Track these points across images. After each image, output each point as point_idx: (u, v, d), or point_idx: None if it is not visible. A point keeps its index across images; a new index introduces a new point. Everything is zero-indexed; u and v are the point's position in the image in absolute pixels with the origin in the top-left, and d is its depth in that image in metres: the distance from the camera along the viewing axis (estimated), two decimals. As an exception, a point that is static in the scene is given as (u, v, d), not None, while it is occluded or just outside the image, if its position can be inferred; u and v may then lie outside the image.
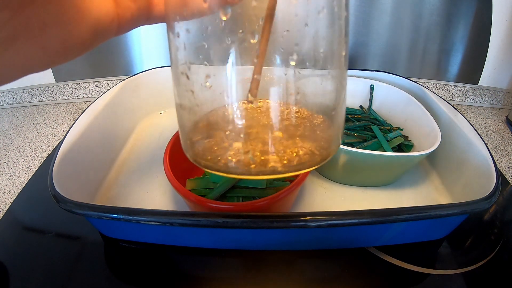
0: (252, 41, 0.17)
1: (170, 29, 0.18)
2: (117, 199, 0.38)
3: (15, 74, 0.15)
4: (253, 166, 0.17)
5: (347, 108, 0.48)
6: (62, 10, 0.15)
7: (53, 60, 0.16)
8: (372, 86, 0.48)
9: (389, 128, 0.44)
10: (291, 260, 0.32)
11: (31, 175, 0.44)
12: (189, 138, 0.19)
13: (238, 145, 0.17)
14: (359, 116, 0.46)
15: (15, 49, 0.14)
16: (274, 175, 0.17)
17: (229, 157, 0.17)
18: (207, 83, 0.18)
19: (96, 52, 0.60)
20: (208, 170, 0.18)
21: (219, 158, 0.17)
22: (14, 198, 0.40)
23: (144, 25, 0.19)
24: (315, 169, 0.19)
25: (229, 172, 0.17)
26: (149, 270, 0.32)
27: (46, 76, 0.62)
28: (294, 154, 0.17)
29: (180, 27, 0.17)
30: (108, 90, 0.46)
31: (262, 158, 0.17)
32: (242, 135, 0.18)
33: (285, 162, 0.17)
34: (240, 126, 0.18)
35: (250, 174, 0.17)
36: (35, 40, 0.15)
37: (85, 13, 0.16)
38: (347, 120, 0.45)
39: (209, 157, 0.18)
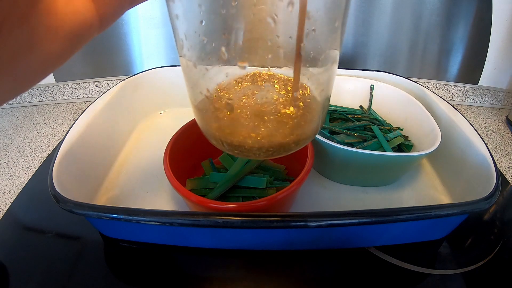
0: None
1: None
2: (117, 199, 0.38)
3: None
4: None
5: (347, 108, 0.48)
6: (31, 33, 0.13)
7: (30, 82, 0.15)
8: (372, 86, 0.48)
9: (389, 128, 0.44)
10: (291, 260, 0.32)
11: (31, 175, 0.44)
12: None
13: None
14: (359, 116, 0.46)
15: None
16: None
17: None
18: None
19: (96, 52, 0.60)
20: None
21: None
22: (14, 198, 0.40)
23: (128, 9, 0.18)
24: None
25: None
26: (149, 270, 0.32)
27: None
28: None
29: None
30: (108, 90, 0.46)
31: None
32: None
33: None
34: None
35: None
36: (4, 73, 0.13)
37: (58, 29, 0.14)
38: (347, 120, 0.45)
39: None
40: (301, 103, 0.19)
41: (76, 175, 0.35)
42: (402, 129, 0.44)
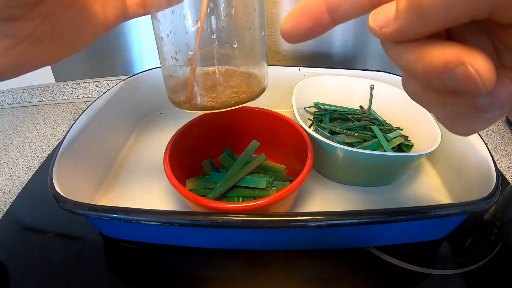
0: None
1: (153, 17, 0.26)
2: (117, 199, 0.38)
3: (38, 65, 0.21)
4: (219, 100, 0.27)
5: (347, 108, 0.48)
6: (74, 21, 0.22)
7: (64, 55, 0.23)
8: (372, 86, 0.48)
9: (389, 128, 0.44)
10: (291, 260, 0.32)
11: (31, 175, 0.44)
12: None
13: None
14: (359, 116, 0.46)
15: (41, 47, 0.21)
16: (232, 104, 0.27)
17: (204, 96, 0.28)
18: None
19: (96, 52, 0.60)
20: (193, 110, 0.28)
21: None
22: (14, 198, 0.40)
23: (124, 21, 0.27)
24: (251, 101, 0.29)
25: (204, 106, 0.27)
26: (149, 270, 0.32)
27: (46, 76, 0.62)
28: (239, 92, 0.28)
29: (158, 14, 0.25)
30: (108, 90, 0.46)
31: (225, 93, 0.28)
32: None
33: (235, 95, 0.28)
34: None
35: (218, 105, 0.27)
36: (54, 41, 0.21)
37: (88, 22, 0.23)
38: (347, 120, 0.45)
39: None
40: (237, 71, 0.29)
41: (76, 175, 0.35)
42: (402, 129, 0.44)
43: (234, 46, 0.27)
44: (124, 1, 0.26)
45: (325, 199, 0.38)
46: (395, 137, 0.41)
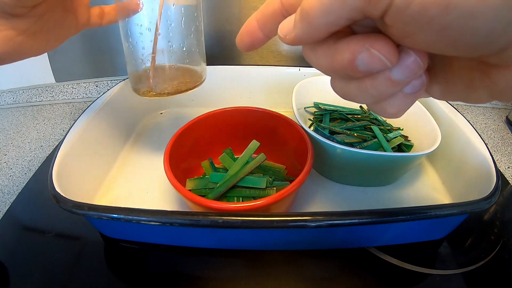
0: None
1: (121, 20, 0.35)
2: (117, 199, 0.38)
3: (30, 53, 0.28)
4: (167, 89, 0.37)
5: (347, 108, 0.48)
6: (57, 22, 0.29)
7: (48, 48, 0.30)
8: (372, 86, 0.48)
9: (389, 128, 0.44)
10: (291, 260, 0.32)
11: (31, 175, 0.44)
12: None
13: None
14: (359, 116, 0.46)
15: (33, 40, 0.27)
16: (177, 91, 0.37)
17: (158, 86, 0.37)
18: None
19: (96, 52, 0.60)
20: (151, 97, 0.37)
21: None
22: (14, 198, 0.40)
23: (86, 28, 0.34)
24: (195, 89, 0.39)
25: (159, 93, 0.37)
26: (149, 270, 0.32)
27: (46, 76, 0.62)
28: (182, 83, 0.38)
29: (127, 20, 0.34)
30: (108, 90, 0.46)
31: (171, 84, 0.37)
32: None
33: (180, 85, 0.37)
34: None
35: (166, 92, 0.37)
36: (43, 36, 0.28)
37: (66, 24, 0.31)
38: (347, 120, 0.45)
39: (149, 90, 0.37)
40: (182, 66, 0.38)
41: (76, 175, 0.35)
42: (402, 129, 0.44)
43: (181, 48, 0.37)
44: (88, 13, 0.33)
45: (325, 199, 0.38)
46: (395, 137, 0.41)
